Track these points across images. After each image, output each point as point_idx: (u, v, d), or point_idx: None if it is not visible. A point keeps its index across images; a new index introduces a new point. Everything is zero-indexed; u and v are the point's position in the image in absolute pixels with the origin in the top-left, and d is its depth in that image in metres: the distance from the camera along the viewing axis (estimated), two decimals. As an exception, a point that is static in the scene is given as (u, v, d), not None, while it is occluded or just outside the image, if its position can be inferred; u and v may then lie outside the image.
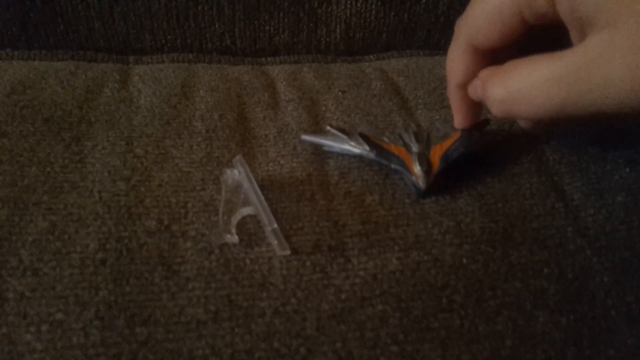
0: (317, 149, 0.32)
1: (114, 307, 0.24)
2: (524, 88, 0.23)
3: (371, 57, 0.45)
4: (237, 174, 0.29)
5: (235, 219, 0.27)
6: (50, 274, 0.25)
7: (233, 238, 0.27)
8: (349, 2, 0.42)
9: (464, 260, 0.27)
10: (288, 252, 0.26)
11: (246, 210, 0.28)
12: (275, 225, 0.26)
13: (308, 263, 0.26)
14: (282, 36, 0.43)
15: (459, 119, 0.31)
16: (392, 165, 0.30)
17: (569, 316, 0.25)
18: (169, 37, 0.42)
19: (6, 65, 0.37)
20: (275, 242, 0.26)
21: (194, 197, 0.29)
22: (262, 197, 0.27)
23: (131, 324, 0.24)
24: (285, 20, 0.42)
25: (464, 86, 0.29)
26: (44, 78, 0.35)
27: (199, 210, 0.28)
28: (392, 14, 0.43)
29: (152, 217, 0.28)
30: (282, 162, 0.31)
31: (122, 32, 0.41)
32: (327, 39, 0.44)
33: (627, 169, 0.31)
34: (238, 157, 0.29)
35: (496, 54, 0.27)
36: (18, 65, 0.37)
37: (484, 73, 0.26)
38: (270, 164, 0.31)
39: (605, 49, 0.20)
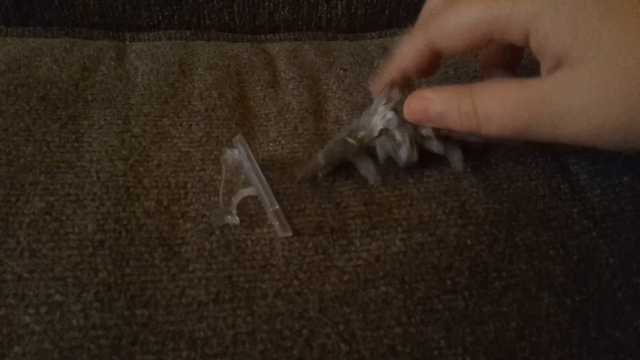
0: (319, 129, 0.32)
1: (113, 288, 0.24)
2: (493, 108, 0.24)
3: (373, 34, 0.44)
4: (237, 153, 0.28)
5: (236, 200, 0.27)
6: (49, 255, 0.24)
7: (234, 219, 0.26)
8: (350, -23, 0.41)
9: (469, 242, 0.27)
10: (290, 233, 0.26)
11: (247, 191, 0.27)
12: (277, 206, 0.26)
13: (310, 244, 0.26)
14: (282, 12, 0.42)
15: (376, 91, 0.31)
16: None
17: (575, 298, 0.25)
18: (166, 13, 0.41)
19: (0, 42, 0.36)
20: (276, 224, 0.26)
21: (193, 177, 0.28)
22: (263, 178, 0.26)
23: (131, 306, 0.23)
24: (286, -4, 0.41)
25: (402, 70, 0.30)
26: (39, 55, 0.35)
27: (198, 191, 0.28)
28: (395, -11, 0.42)
29: (151, 197, 0.27)
30: (283, 142, 0.31)
31: (118, 8, 0.40)
32: (328, 15, 0.43)
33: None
34: (238, 136, 0.29)
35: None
36: (12, 42, 0.36)
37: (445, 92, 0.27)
38: (271, 144, 0.31)
39: (570, 84, 0.23)
